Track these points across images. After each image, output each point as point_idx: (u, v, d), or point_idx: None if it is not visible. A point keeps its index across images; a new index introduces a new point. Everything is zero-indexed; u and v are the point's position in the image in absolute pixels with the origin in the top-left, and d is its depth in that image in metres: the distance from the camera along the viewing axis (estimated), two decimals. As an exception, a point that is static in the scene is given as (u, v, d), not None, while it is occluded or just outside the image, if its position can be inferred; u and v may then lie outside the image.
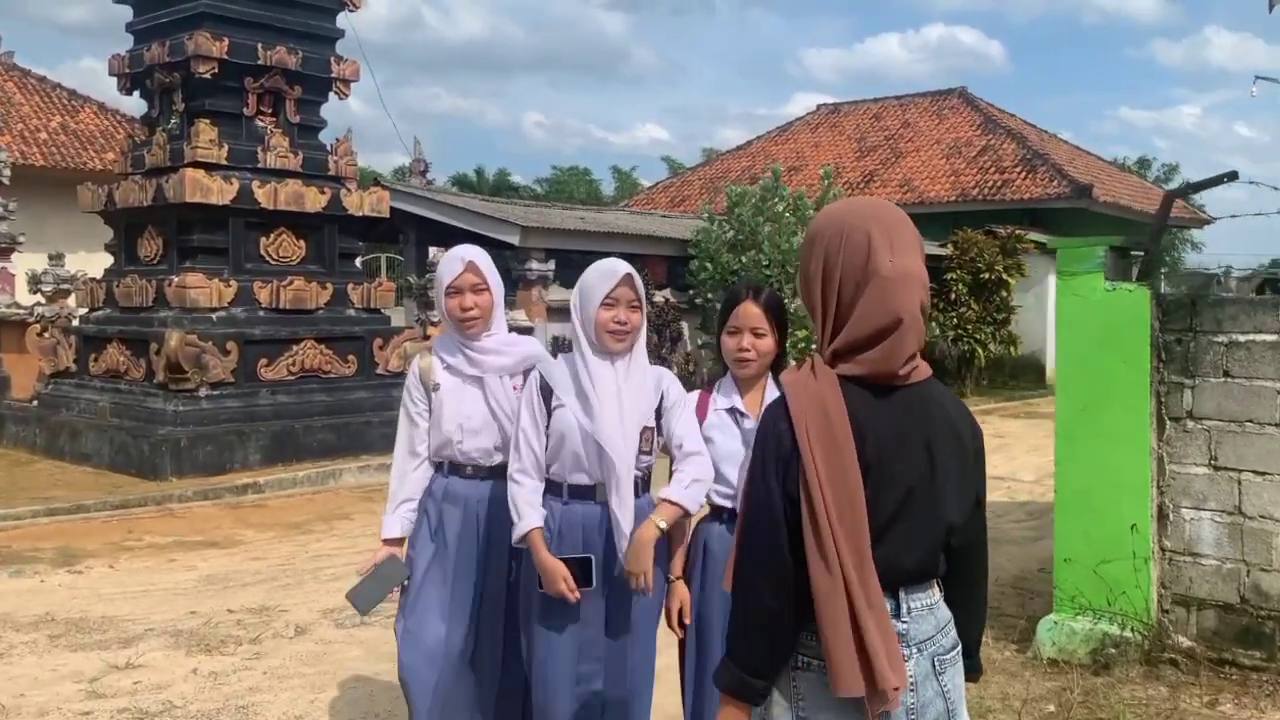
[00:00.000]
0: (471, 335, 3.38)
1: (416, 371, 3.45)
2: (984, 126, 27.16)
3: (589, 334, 3.15)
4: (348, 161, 12.22)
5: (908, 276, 1.93)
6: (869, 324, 1.91)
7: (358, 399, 11.73)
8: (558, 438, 3.14)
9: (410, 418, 3.44)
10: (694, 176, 31.72)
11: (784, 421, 1.91)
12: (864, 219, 1.96)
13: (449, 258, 3.42)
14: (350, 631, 5.79)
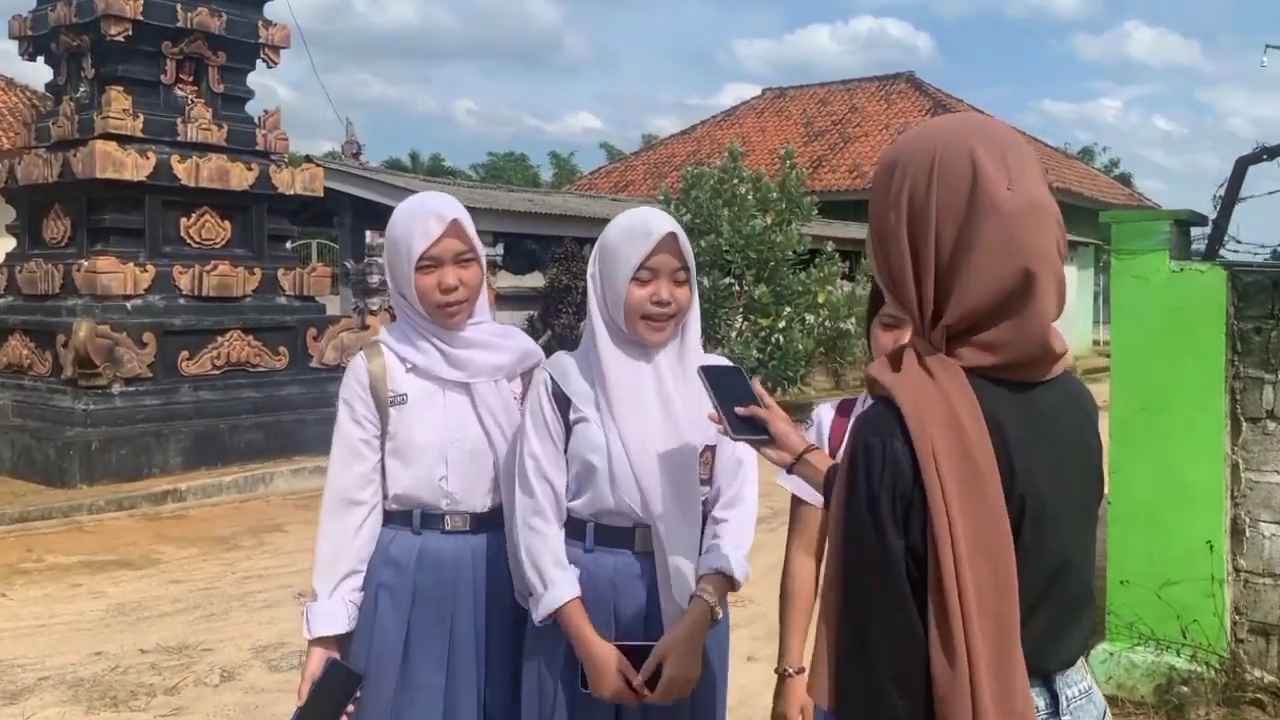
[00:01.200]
0: (453, 326, 2.42)
1: (362, 377, 2.40)
2: (933, 112, 26.74)
3: (615, 319, 2.26)
4: (278, 135, 11.20)
5: (1036, 208, 1.37)
6: (987, 284, 1.35)
7: (290, 395, 10.75)
8: (580, 464, 2.25)
9: (350, 447, 2.39)
10: (637, 162, 30.97)
11: (898, 440, 1.32)
12: (962, 135, 1.41)
13: (414, 213, 2.39)
14: (287, 676, 4.90)
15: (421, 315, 2.40)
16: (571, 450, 2.27)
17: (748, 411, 1.97)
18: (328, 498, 2.40)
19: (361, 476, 2.39)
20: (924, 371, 1.37)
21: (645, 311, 2.22)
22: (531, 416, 2.30)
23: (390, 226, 2.43)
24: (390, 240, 2.42)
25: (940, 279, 1.39)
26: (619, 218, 2.34)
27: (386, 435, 2.40)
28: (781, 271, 13.16)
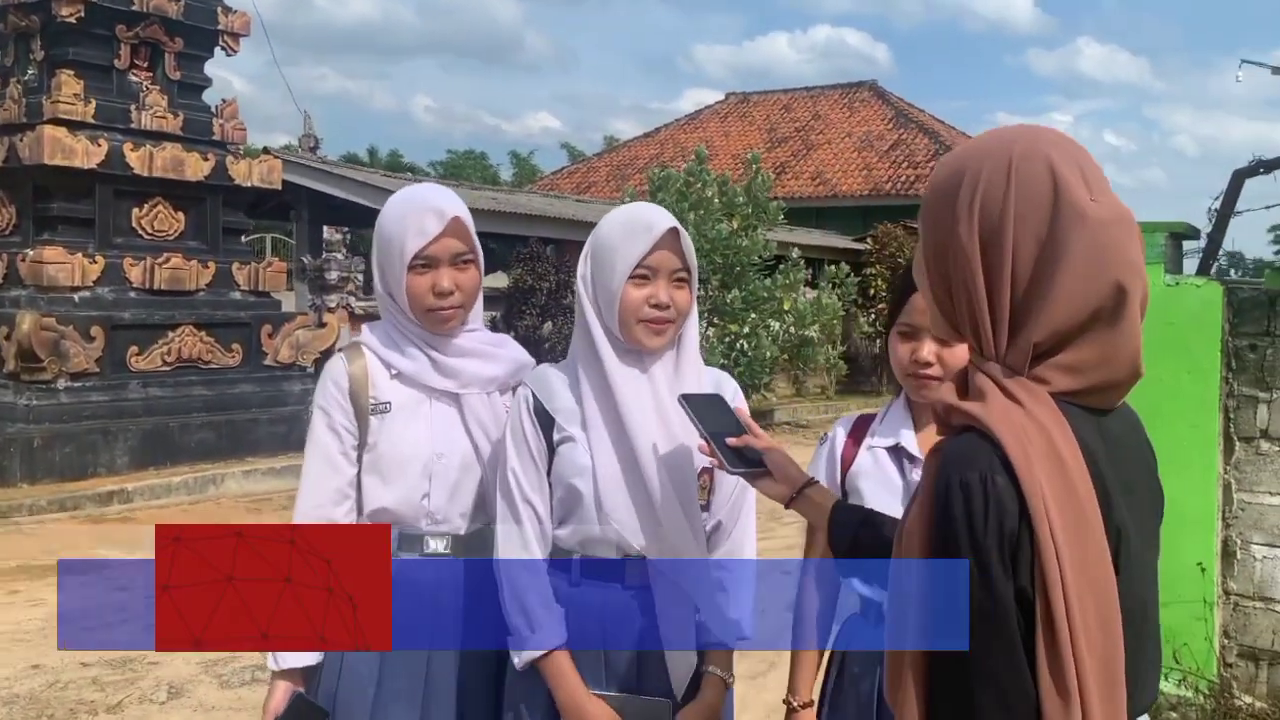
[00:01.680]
0: (444, 332, 2.20)
1: (341, 381, 2.18)
2: (895, 120, 26.87)
3: (609, 323, 2.03)
4: (235, 126, 10.88)
5: (1123, 219, 1.27)
6: (1077, 300, 1.23)
7: (242, 393, 10.43)
8: (564, 489, 2.03)
9: (326, 458, 2.16)
10: (600, 163, 30.80)
11: (999, 474, 1.18)
12: (1035, 142, 1.29)
13: (410, 208, 2.16)
14: (239, 694, 4.65)
15: (410, 319, 2.19)
16: (555, 473, 2.05)
17: (740, 442, 1.80)
18: (300, 514, 2.14)
19: (337, 491, 2.16)
20: (1010, 399, 1.23)
21: (643, 315, 2.01)
22: (512, 436, 2.08)
23: (382, 220, 2.20)
24: (381, 236, 2.19)
25: (1017, 296, 1.26)
26: (614, 213, 2.12)
27: (365, 446, 2.17)
28: (748, 277, 13.03)
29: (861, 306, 18.37)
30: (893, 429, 2.11)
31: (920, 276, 1.38)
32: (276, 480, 9.45)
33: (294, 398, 10.73)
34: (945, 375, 1.98)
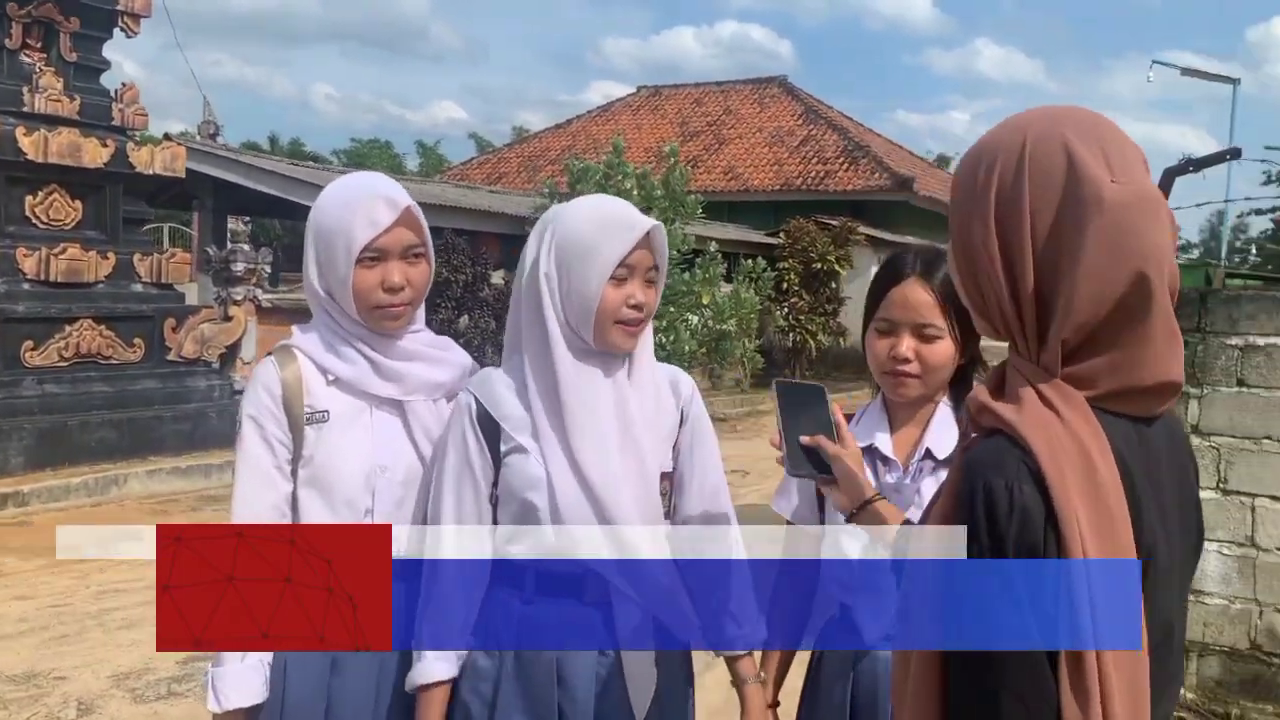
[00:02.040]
0: (391, 332, 2.06)
1: (274, 389, 2.01)
2: (805, 116, 27.11)
3: (577, 325, 1.91)
4: (136, 111, 10.40)
5: (1146, 201, 1.18)
6: (1097, 291, 1.16)
7: (145, 390, 9.99)
8: (516, 504, 1.90)
9: (259, 474, 1.99)
10: (510, 154, 30.49)
11: (1027, 484, 1.13)
12: (1053, 123, 1.23)
13: (356, 196, 1.98)
14: (154, 708, 4.41)
15: (352, 318, 2.03)
16: (504, 488, 1.92)
17: (812, 441, 1.70)
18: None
19: (273, 509, 1.99)
20: (1046, 405, 1.18)
21: (620, 316, 1.90)
22: (452, 449, 1.94)
23: (322, 209, 2.03)
24: (321, 227, 2.02)
25: (1041, 290, 1.20)
26: (579, 208, 1.98)
27: (300, 460, 2.01)
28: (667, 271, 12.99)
29: (775, 301, 18.49)
30: (868, 430, 2.05)
31: (954, 276, 1.32)
32: (182, 480, 9.09)
33: (199, 394, 10.34)
34: (923, 372, 1.95)
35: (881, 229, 21.80)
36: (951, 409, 2.01)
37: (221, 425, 10.10)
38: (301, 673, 1.96)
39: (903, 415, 2.04)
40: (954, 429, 1.98)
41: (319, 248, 2.02)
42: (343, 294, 2.00)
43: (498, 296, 13.17)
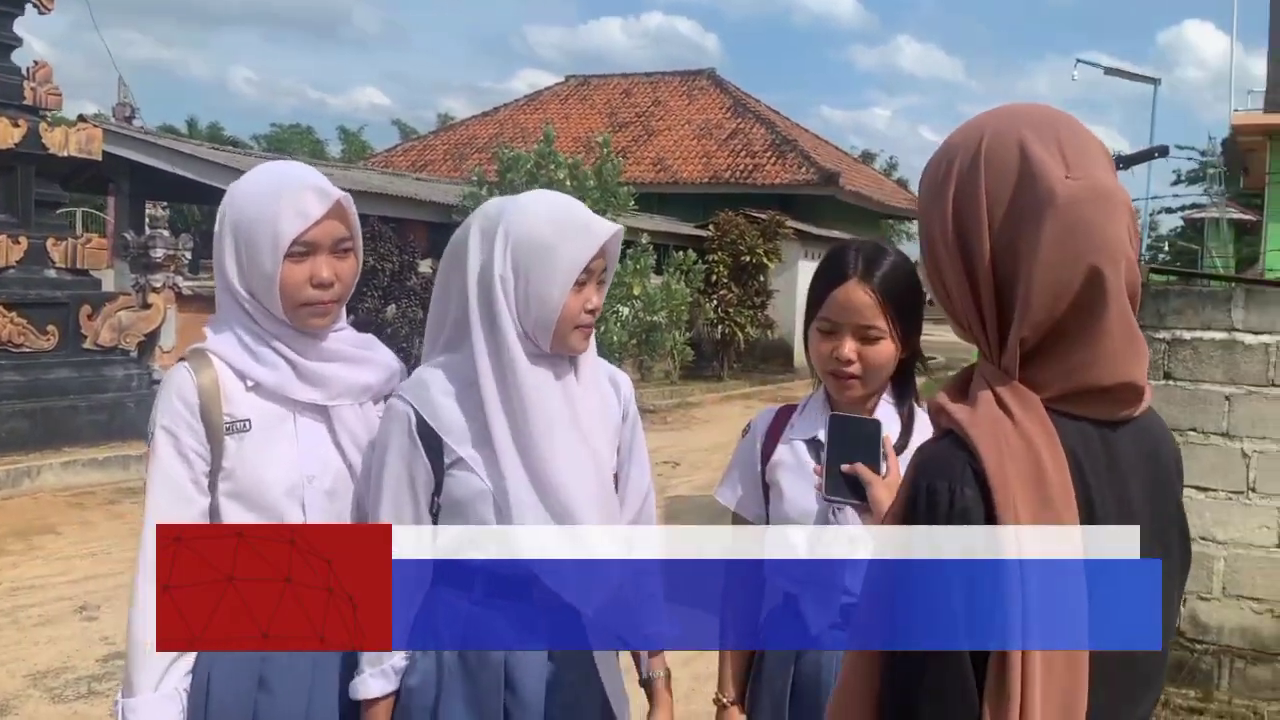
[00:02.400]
0: (317, 330, 1.95)
1: (189, 397, 1.87)
2: (734, 110, 27.22)
3: (537, 330, 1.84)
4: (49, 90, 10.04)
5: (1100, 194, 1.16)
6: (1051, 288, 1.15)
7: (60, 379, 9.66)
8: (463, 514, 1.85)
9: (175, 489, 1.85)
10: (436, 141, 30.12)
11: (969, 487, 1.12)
12: (1010, 120, 1.23)
13: (282, 186, 1.87)
14: (74, 708, 4.27)
15: (274, 317, 1.91)
16: (448, 499, 1.85)
17: (852, 469, 1.70)
18: (146, 558, 1.80)
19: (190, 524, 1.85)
20: (1000, 407, 1.17)
21: (579, 321, 1.86)
22: (391, 459, 1.85)
23: (243, 200, 1.89)
24: (243, 218, 1.87)
25: (1000, 289, 1.19)
26: (537, 208, 1.88)
27: (220, 472, 1.88)
28: (597, 261, 12.94)
29: (704, 293, 18.55)
30: (811, 422, 2.06)
31: (925, 276, 1.32)
32: (99, 472, 8.81)
33: (116, 383, 10.03)
34: (864, 374, 1.95)
35: (809, 223, 22.01)
36: (893, 403, 2.02)
37: (140, 415, 9.81)
38: (225, 693, 1.85)
39: (845, 409, 2.03)
40: (895, 421, 2.00)
41: (239, 240, 1.88)
42: (267, 291, 1.88)
43: (425, 285, 12.97)
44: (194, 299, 11.50)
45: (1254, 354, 4.24)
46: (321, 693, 1.89)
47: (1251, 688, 4.32)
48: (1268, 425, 4.23)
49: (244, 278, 1.89)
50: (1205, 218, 26.05)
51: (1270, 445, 4.23)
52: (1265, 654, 4.30)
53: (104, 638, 5.01)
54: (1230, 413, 4.27)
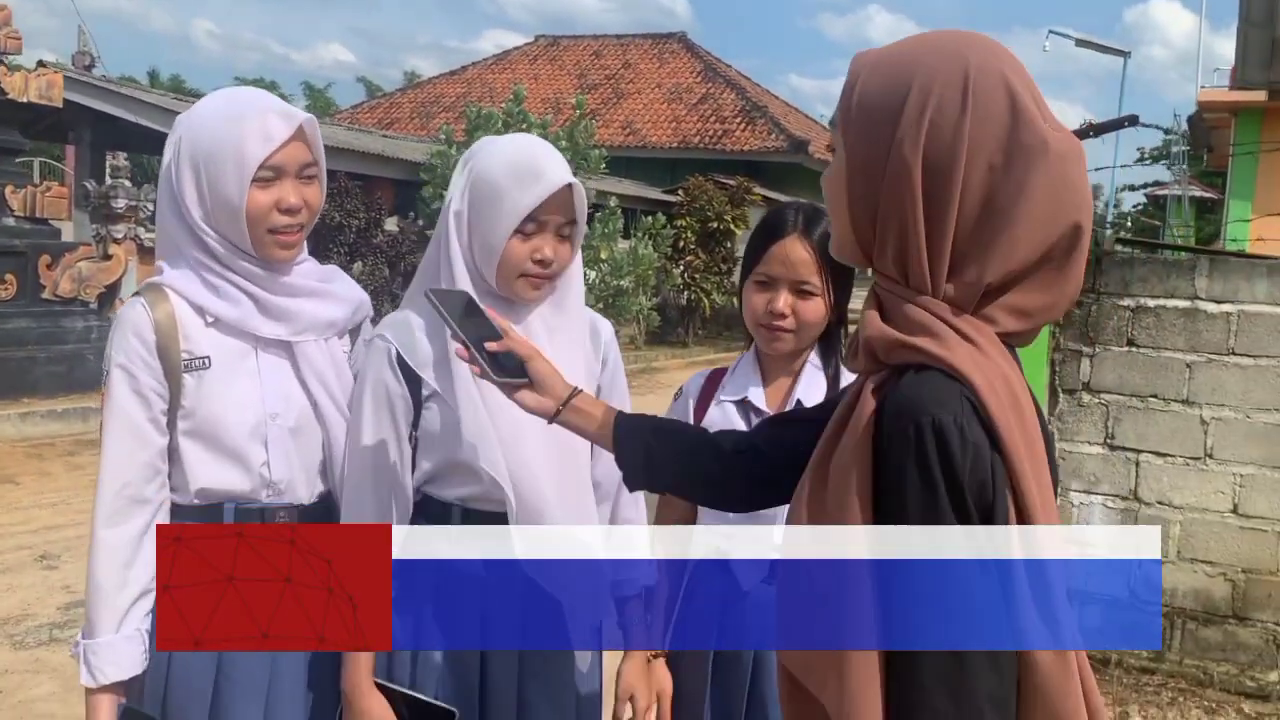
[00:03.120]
0: (283, 260, 1.88)
1: (145, 334, 1.81)
2: (704, 74, 27.13)
3: (484, 272, 1.84)
4: (9, 34, 9.81)
5: (1079, 151, 1.18)
6: (1037, 238, 1.15)
7: (18, 329, 9.52)
8: (438, 450, 1.85)
9: (132, 429, 1.80)
10: (403, 99, 29.82)
11: (971, 420, 1.10)
12: (992, 58, 1.18)
13: (246, 110, 1.81)
14: (35, 655, 4.24)
15: (236, 249, 1.84)
16: (425, 434, 1.85)
17: (500, 347, 1.59)
18: (104, 499, 1.79)
19: (148, 467, 1.81)
20: (965, 340, 1.15)
21: (525, 269, 1.82)
22: (371, 397, 1.84)
23: (200, 127, 1.82)
24: (200, 145, 1.81)
25: (964, 229, 1.16)
26: (498, 146, 1.86)
27: (179, 411, 1.83)
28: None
29: (671, 259, 18.54)
30: (741, 383, 2.07)
31: (836, 193, 1.24)
32: (58, 423, 8.71)
33: (75, 335, 9.89)
34: (797, 328, 1.97)
35: (777, 190, 22.01)
36: (820, 363, 2.05)
37: (99, 367, 9.66)
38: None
39: (774, 369, 2.06)
40: (822, 382, 2.03)
41: (198, 169, 1.81)
42: (231, 220, 1.81)
43: (391, 243, 12.88)
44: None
45: (1215, 323, 4.31)
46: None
47: (1202, 649, 4.43)
48: (1226, 393, 4.31)
49: (204, 208, 1.82)
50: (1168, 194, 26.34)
51: (1228, 413, 4.32)
52: (1216, 616, 4.41)
53: (65, 586, 4.98)
54: (1190, 380, 4.35)
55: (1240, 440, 4.32)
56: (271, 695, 1.85)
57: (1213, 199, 24.21)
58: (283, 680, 1.87)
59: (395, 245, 12.72)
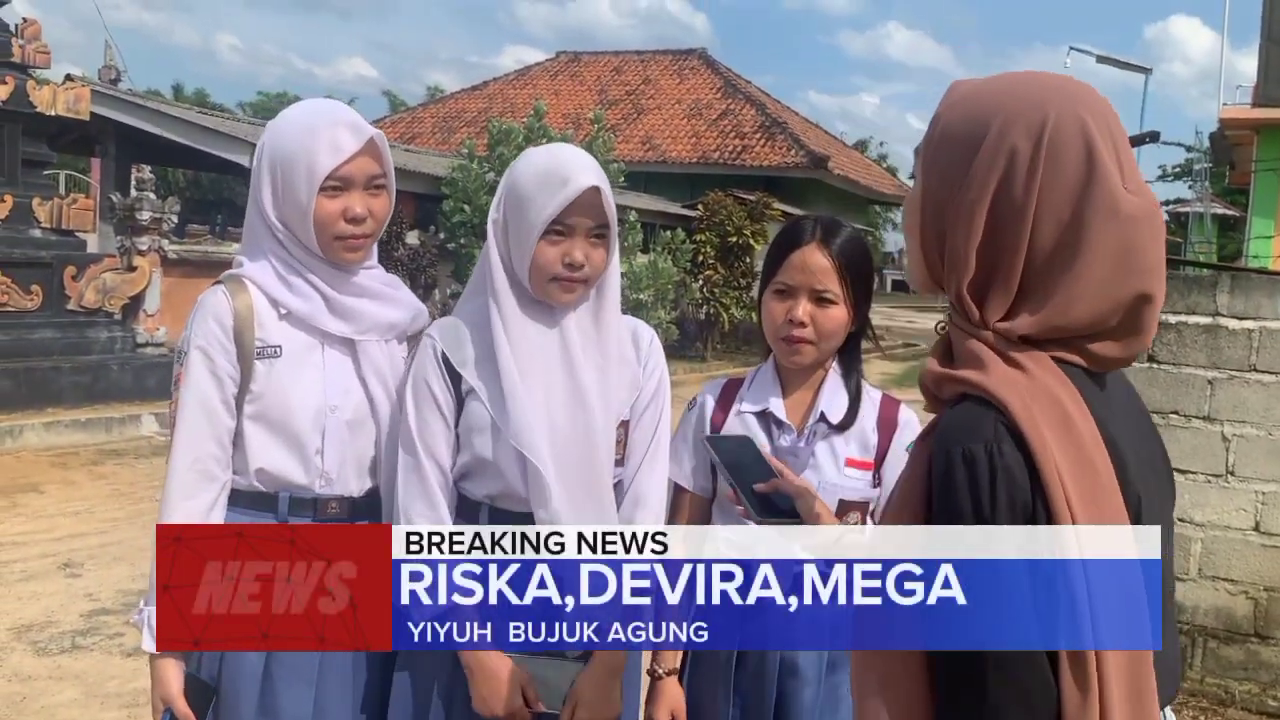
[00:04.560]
0: (351, 264, 2.00)
1: (225, 319, 1.93)
2: (724, 90, 27.19)
3: (520, 276, 1.92)
4: (38, 48, 9.95)
5: (1154, 216, 1.14)
6: (1096, 301, 1.13)
7: (43, 339, 9.61)
8: (473, 445, 1.91)
9: (206, 407, 1.92)
10: (425, 113, 30.01)
11: (1005, 443, 1.07)
12: (1074, 106, 1.14)
13: (317, 122, 1.93)
14: (58, 661, 4.28)
15: (308, 250, 1.96)
16: (464, 429, 1.92)
17: (769, 487, 1.71)
18: (177, 470, 1.90)
19: (218, 444, 1.93)
20: (1011, 365, 1.13)
21: (555, 273, 1.88)
22: (415, 389, 1.94)
23: (279, 135, 1.96)
24: (278, 153, 1.94)
25: (1030, 275, 1.14)
26: (532, 155, 1.96)
27: (247, 395, 1.95)
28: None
29: (690, 273, 18.56)
30: (761, 394, 2.07)
31: (911, 217, 1.25)
32: (82, 433, 8.79)
33: (100, 345, 9.99)
34: (817, 338, 1.97)
35: (796, 206, 22.03)
36: (841, 375, 2.05)
37: (123, 378, 9.79)
38: None
39: (795, 380, 2.06)
40: (844, 394, 2.03)
41: (275, 174, 1.95)
42: (301, 223, 1.94)
43: (412, 256, 12.96)
44: (180, 263, 11.44)
45: (1237, 339, 4.30)
46: None
47: (1224, 667, 4.40)
48: (1248, 410, 4.29)
49: (279, 209, 1.96)
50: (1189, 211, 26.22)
51: (1250, 430, 4.30)
52: (1238, 634, 4.38)
53: (87, 594, 5.02)
54: (1212, 397, 4.33)
55: (1262, 457, 4.29)
56: (321, 682, 1.93)
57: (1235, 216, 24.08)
58: (332, 667, 1.94)
59: (416, 258, 12.82)
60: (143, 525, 6.04)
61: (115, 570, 5.39)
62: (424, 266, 12.82)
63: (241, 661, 1.91)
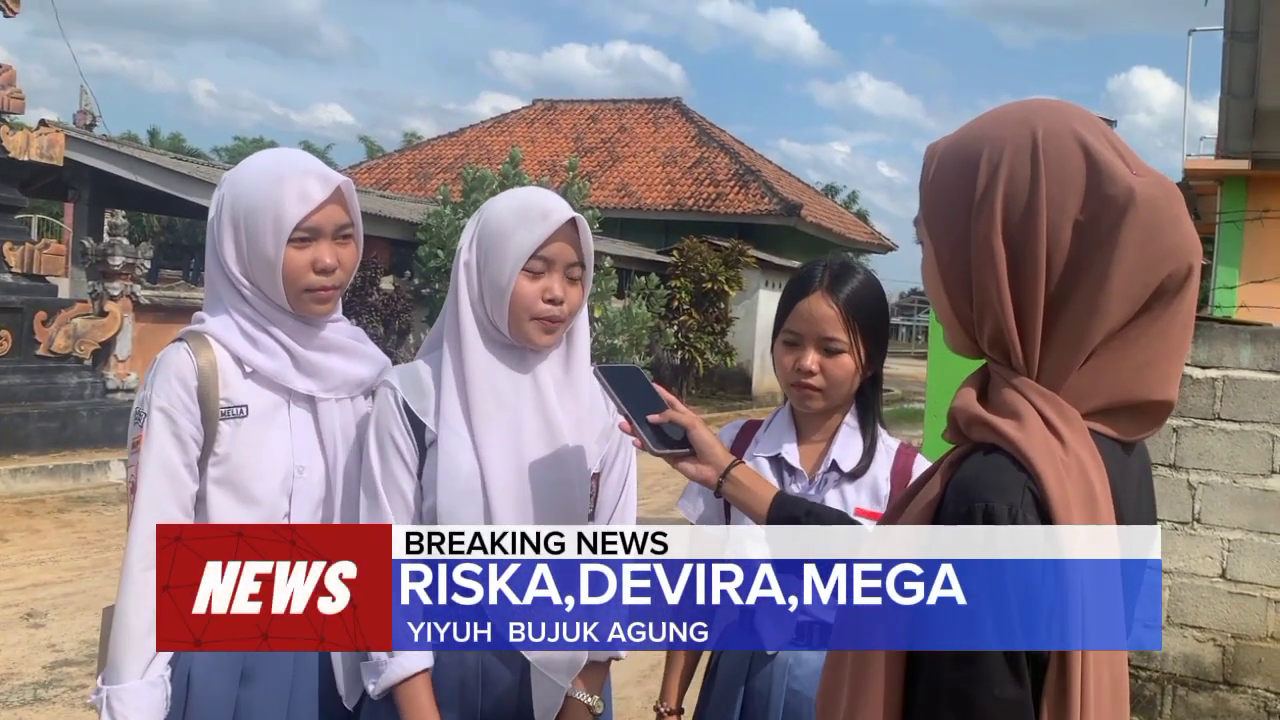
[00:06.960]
0: (319, 316, 1.94)
1: (188, 378, 1.85)
2: (699, 138, 27.44)
3: (495, 318, 1.88)
4: (12, 94, 9.95)
5: (1173, 193, 1.11)
6: (1130, 292, 1.08)
7: (11, 385, 9.53)
8: (436, 497, 1.86)
9: (169, 473, 1.83)
10: (401, 160, 30.09)
11: (1030, 512, 1.04)
12: (1060, 117, 1.13)
13: (285, 172, 1.88)
14: (18, 714, 4.20)
15: (274, 304, 1.91)
16: (427, 479, 1.87)
17: (663, 418, 1.67)
18: (137, 542, 1.80)
19: (184, 511, 1.85)
20: (1048, 426, 1.09)
21: (536, 310, 1.85)
22: (378, 439, 1.88)
23: (243, 185, 1.89)
24: (243, 203, 1.87)
25: (1054, 295, 1.10)
26: (504, 197, 1.94)
27: (211, 457, 1.87)
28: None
29: (665, 318, 18.65)
30: (775, 439, 2.07)
31: (933, 286, 1.20)
32: (49, 480, 8.68)
33: (69, 391, 9.91)
34: (826, 386, 1.98)
35: (770, 252, 22.21)
36: (856, 423, 2.05)
37: (92, 424, 9.70)
38: (207, 685, 1.84)
39: (809, 427, 2.06)
40: (859, 442, 2.03)
41: (238, 226, 1.88)
42: (268, 277, 1.87)
43: (386, 302, 12.95)
44: (152, 308, 11.39)
45: (1201, 388, 4.36)
46: (303, 684, 1.88)
47: (1193, 715, 4.41)
48: (1213, 458, 4.35)
49: (243, 263, 1.90)
50: (1157, 260, 26.52)
51: (1215, 477, 4.35)
52: (1206, 681, 4.40)
53: (51, 645, 4.94)
54: (1177, 444, 4.38)
55: (1227, 505, 4.34)
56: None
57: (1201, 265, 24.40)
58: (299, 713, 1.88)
59: (390, 304, 12.81)
60: (108, 574, 5.96)
61: (79, 620, 5.31)
62: (398, 312, 12.82)
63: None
